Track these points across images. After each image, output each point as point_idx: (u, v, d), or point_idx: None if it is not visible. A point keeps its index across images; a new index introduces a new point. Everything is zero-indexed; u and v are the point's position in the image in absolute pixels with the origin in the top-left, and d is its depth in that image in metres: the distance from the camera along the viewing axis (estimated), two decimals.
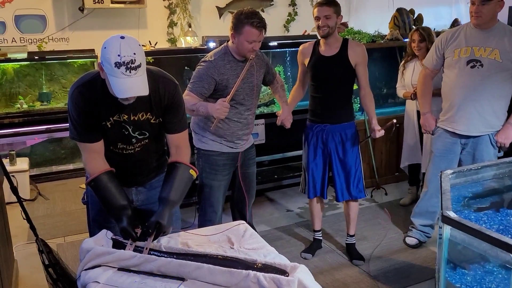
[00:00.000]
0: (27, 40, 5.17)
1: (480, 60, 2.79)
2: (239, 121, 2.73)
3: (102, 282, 1.60)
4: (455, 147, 3.00)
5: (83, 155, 1.90)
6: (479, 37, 2.81)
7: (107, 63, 1.62)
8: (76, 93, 1.81)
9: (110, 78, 1.64)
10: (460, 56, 2.85)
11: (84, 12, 5.27)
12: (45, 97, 5.00)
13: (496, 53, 2.75)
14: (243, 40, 2.53)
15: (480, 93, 2.82)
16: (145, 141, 1.96)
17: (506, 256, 1.56)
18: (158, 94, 1.87)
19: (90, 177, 1.87)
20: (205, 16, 5.93)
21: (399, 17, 4.79)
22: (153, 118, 1.91)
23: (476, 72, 2.80)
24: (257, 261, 1.63)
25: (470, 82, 2.83)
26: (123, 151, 1.95)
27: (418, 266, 3.02)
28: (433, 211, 3.17)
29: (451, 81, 2.93)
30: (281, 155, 4.31)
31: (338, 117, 2.95)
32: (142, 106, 1.86)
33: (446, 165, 3.01)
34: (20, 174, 4.21)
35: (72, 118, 1.85)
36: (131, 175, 2.07)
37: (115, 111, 1.84)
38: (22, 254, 3.26)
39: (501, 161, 2.32)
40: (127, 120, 1.87)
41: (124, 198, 1.87)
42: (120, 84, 1.63)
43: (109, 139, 1.91)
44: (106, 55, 1.62)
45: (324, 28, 2.79)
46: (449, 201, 1.87)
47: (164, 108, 1.92)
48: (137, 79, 1.64)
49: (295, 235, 3.52)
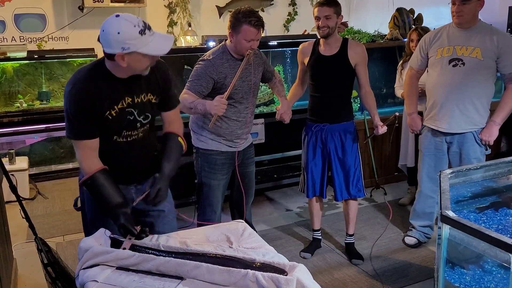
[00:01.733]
0: (26, 39, 5.17)
1: (462, 59, 2.82)
2: (238, 119, 2.73)
3: (101, 281, 1.60)
4: (441, 145, 3.03)
5: (78, 154, 1.89)
6: (461, 36, 2.85)
7: (132, 41, 1.68)
8: (75, 90, 1.80)
9: (144, 49, 1.70)
10: (443, 55, 2.89)
11: (83, 11, 5.27)
12: (44, 96, 5.00)
13: (478, 52, 2.78)
14: (241, 39, 2.53)
15: (461, 91, 2.85)
16: (147, 126, 1.99)
17: (505, 255, 1.56)
18: (154, 73, 1.92)
19: (86, 176, 1.86)
20: (205, 16, 5.93)
21: (399, 17, 4.79)
22: (154, 97, 1.96)
23: (458, 70, 2.83)
24: (255, 260, 1.63)
25: (452, 81, 2.86)
26: (127, 139, 1.95)
27: (417, 266, 3.02)
28: (430, 212, 3.19)
29: (434, 79, 2.96)
30: (280, 154, 4.31)
31: (337, 117, 2.95)
32: (143, 87, 1.91)
33: (435, 163, 3.06)
34: (20, 173, 4.20)
35: (70, 116, 1.82)
36: (133, 167, 2.04)
37: (118, 98, 1.85)
38: (21, 253, 3.26)
39: (500, 161, 2.32)
40: (131, 103, 1.88)
41: (121, 196, 1.86)
42: (155, 44, 1.73)
43: (113, 129, 1.90)
44: (126, 35, 1.67)
45: (324, 28, 2.79)
46: (448, 201, 1.87)
47: (160, 86, 1.97)
48: (159, 33, 1.77)
49: (294, 234, 3.52)
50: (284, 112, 2.82)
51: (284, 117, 2.83)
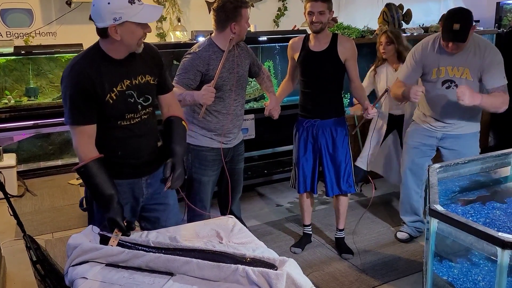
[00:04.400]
0: (13, 34, 5.10)
1: (454, 80, 2.83)
2: (228, 113, 2.72)
3: (90, 278, 1.59)
4: (433, 140, 3.05)
5: (74, 140, 1.88)
6: (449, 56, 2.82)
7: (123, 9, 1.72)
8: (74, 71, 1.81)
9: (135, 17, 1.75)
10: (438, 76, 2.88)
11: (71, 6, 5.20)
12: (32, 92, 4.94)
13: (467, 72, 2.79)
14: (244, 23, 2.60)
15: (455, 111, 2.88)
16: (149, 108, 2.00)
17: (492, 248, 1.58)
18: (149, 54, 1.97)
19: (80, 163, 1.85)
20: (194, 11, 5.90)
21: (388, 13, 4.81)
22: (151, 78, 1.98)
23: (452, 92, 2.82)
24: (246, 256, 1.63)
25: (445, 102, 2.89)
26: (131, 121, 1.95)
27: (406, 259, 3.05)
28: (417, 207, 3.21)
29: (428, 97, 2.98)
30: (271, 150, 4.31)
31: (328, 112, 2.95)
32: (140, 68, 1.93)
33: (420, 157, 3.08)
34: (7, 170, 4.16)
35: (69, 99, 1.81)
36: (142, 154, 2.03)
37: (117, 80, 1.87)
38: (10, 251, 3.23)
39: (488, 155, 2.35)
40: (130, 85, 1.90)
41: (113, 187, 1.85)
42: (144, 13, 1.77)
43: (116, 113, 1.90)
44: (116, 4, 1.72)
45: (317, 23, 2.79)
46: (436, 195, 1.89)
47: (157, 66, 2.01)
48: (147, 4, 1.81)
49: (284, 229, 3.53)
50: (273, 108, 2.82)
51: (272, 113, 2.83)
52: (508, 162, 2.40)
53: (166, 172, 1.94)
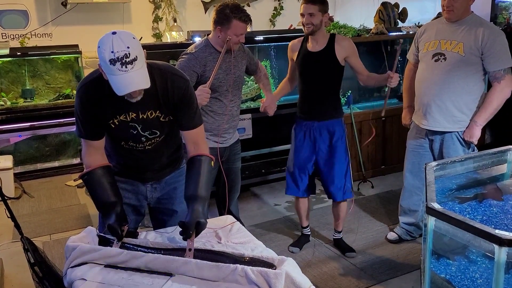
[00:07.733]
0: (9, 35, 5.07)
1: (444, 54, 2.74)
2: (224, 113, 2.73)
3: (89, 279, 1.59)
4: (423, 141, 2.98)
5: (83, 149, 1.92)
6: (448, 30, 2.77)
7: (103, 62, 1.58)
8: (82, 90, 1.81)
9: (109, 77, 1.60)
10: (428, 50, 2.82)
11: (67, 7, 5.18)
12: (28, 93, 4.92)
13: (460, 47, 2.68)
14: (231, 34, 2.55)
15: (439, 87, 2.77)
16: (157, 139, 1.93)
17: (489, 246, 1.58)
18: (167, 90, 1.82)
19: (85, 171, 1.87)
20: (191, 11, 5.89)
21: (384, 11, 4.82)
22: (162, 116, 1.86)
23: (439, 65, 2.75)
24: (244, 255, 1.63)
25: (432, 76, 2.79)
26: (133, 148, 1.94)
27: (404, 258, 3.06)
28: (415, 209, 3.15)
29: (419, 75, 2.92)
30: (268, 149, 4.31)
31: (325, 114, 2.93)
32: (151, 104, 1.81)
33: (419, 160, 3.00)
34: (4, 172, 4.15)
35: (76, 116, 1.85)
36: (143, 171, 2.04)
37: (122, 110, 1.80)
38: (7, 253, 3.22)
39: (484, 153, 2.35)
40: (135, 119, 1.83)
41: (115, 195, 1.85)
42: (118, 81, 1.58)
43: (118, 136, 1.90)
44: (101, 54, 1.57)
45: (309, 25, 2.78)
46: (433, 193, 1.90)
47: (174, 105, 1.85)
48: (135, 73, 1.58)
49: (282, 229, 3.53)
50: (268, 105, 2.84)
51: (268, 110, 2.84)
52: (505, 160, 2.41)
53: (188, 233, 1.69)
